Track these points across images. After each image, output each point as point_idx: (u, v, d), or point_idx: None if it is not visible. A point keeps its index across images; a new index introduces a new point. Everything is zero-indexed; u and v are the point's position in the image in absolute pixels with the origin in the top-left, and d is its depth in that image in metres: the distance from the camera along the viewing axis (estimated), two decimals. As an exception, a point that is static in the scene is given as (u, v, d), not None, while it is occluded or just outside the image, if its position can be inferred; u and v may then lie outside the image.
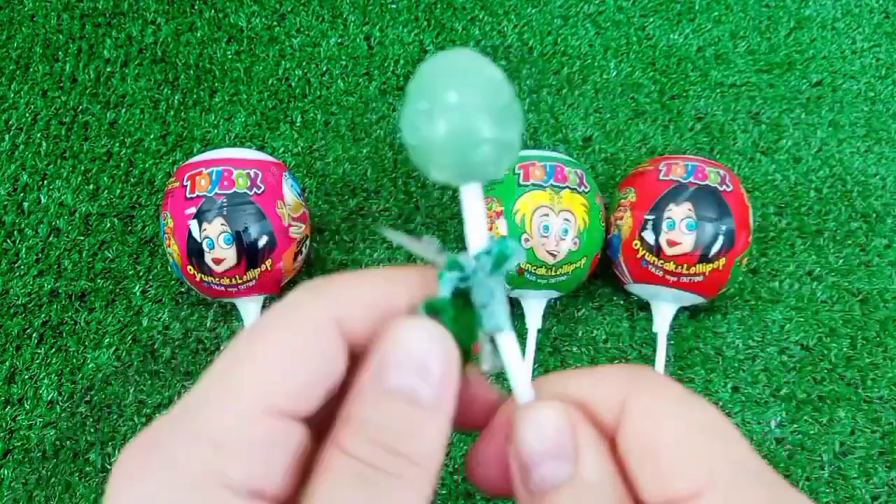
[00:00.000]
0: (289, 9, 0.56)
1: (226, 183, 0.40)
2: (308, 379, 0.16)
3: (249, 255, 0.40)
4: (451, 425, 0.16)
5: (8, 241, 0.48)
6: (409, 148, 0.17)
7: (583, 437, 0.16)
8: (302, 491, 0.16)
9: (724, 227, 0.41)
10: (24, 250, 0.48)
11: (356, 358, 0.17)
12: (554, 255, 0.41)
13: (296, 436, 0.16)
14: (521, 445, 0.17)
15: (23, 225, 0.49)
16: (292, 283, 0.47)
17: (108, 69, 0.54)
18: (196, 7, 0.56)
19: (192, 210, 0.40)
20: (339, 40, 0.55)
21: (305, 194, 0.48)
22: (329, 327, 0.17)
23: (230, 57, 0.54)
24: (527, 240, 0.41)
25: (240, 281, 0.41)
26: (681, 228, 0.41)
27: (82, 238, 0.48)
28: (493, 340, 0.18)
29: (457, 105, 0.16)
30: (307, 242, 0.44)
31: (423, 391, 0.16)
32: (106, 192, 0.50)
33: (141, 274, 0.47)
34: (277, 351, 0.16)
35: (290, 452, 0.16)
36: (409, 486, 0.15)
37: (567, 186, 0.41)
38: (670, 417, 0.16)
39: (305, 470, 0.16)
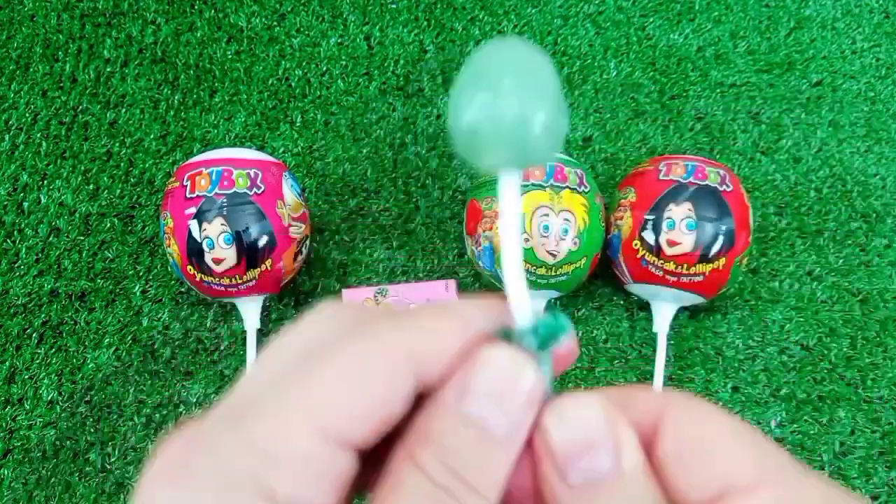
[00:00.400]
0: (289, 9, 0.56)
1: (226, 183, 0.40)
2: (368, 410, 0.16)
3: (249, 255, 0.40)
4: (517, 457, 0.17)
5: (8, 241, 0.48)
6: (461, 133, 0.17)
7: (621, 429, 0.17)
8: None
9: (724, 227, 0.41)
10: (24, 250, 0.48)
11: (422, 396, 0.17)
12: (554, 255, 0.41)
13: (346, 463, 0.16)
14: (557, 437, 0.16)
15: (23, 225, 0.49)
16: (292, 283, 0.47)
17: (108, 69, 0.54)
18: (196, 7, 0.56)
19: (192, 210, 0.40)
20: (339, 40, 0.55)
21: (305, 194, 0.48)
22: (400, 361, 0.16)
23: (230, 57, 0.54)
24: (527, 240, 0.41)
25: (240, 281, 0.41)
26: (681, 228, 0.41)
27: (82, 238, 0.48)
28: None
29: (521, 92, 0.17)
30: (307, 242, 0.44)
31: (498, 426, 0.16)
32: (106, 192, 0.50)
33: (141, 274, 0.47)
34: (342, 375, 0.16)
35: (338, 477, 0.16)
36: None
37: (567, 186, 0.41)
38: (716, 423, 0.17)
39: (348, 498, 0.16)
